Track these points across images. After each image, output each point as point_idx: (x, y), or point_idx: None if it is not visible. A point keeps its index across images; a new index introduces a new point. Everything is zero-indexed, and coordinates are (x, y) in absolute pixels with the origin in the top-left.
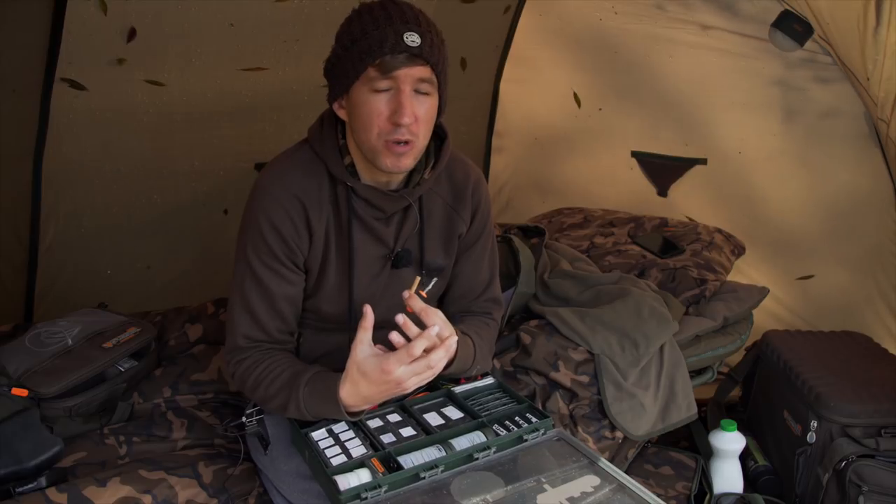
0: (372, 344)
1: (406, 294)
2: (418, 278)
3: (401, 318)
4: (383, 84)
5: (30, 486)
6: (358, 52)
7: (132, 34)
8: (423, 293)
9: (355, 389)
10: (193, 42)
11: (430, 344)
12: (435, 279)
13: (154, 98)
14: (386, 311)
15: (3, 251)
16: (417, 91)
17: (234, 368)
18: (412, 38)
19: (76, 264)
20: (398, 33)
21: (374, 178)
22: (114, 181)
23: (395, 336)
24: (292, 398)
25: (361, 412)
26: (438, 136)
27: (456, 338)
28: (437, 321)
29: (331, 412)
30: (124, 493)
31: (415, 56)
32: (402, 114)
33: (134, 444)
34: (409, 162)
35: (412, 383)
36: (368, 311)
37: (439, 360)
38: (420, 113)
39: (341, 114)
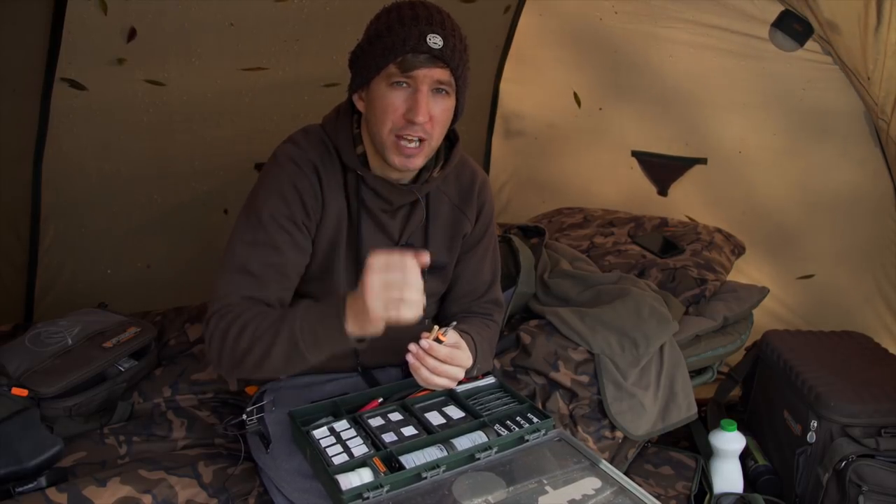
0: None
1: (426, 344)
2: (436, 327)
3: (414, 348)
4: (402, 81)
5: (30, 485)
6: (381, 48)
7: (132, 34)
8: (443, 337)
9: (355, 299)
10: (193, 42)
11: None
12: (454, 323)
13: (154, 98)
14: None
15: (3, 251)
16: (436, 91)
17: (216, 322)
18: (435, 41)
19: (76, 264)
20: (422, 34)
21: (384, 171)
22: (114, 181)
23: (413, 346)
24: (286, 324)
25: (363, 339)
26: (449, 139)
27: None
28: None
29: (331, 328)
30: (124, 492)
31: (435, 58)
32: (416, 112)
33: (134, 444)
34: (418, 162)
35: (380, 298)
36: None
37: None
38: (435, 112)
39: (360, 105)
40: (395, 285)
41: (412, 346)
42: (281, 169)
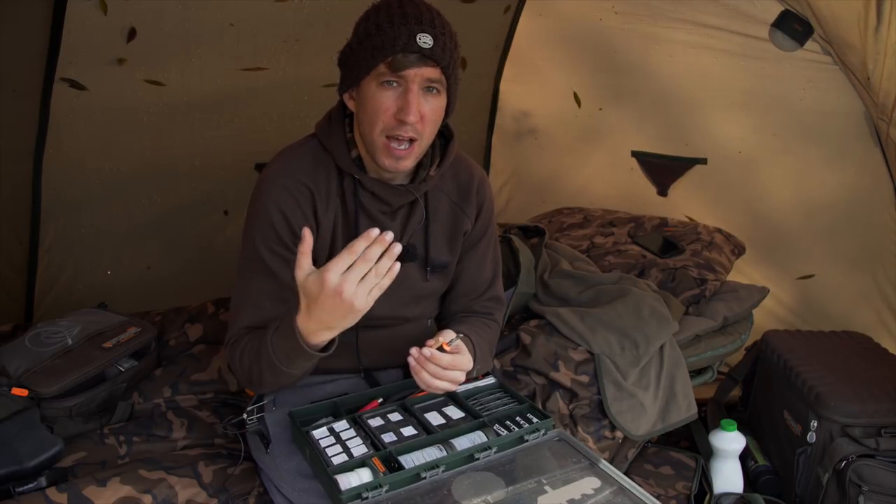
0: (312, 266)
1: (428, 352)
2: (440, 338)
3: (415, 352)
4: (393, 81)
5: (30, 485)
6: (371, 48)
7: (132, 34)
8: (448, 347)
9: (308, 315)
10: (193, 42)
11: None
12: (461, 335)
13: (154, 98)
14: (391, 305)
15: (3, 251)
16: (426, 89)
17: (229, 353)
18: (424, 40)
19: (76, 264)
20: (412, 33)
21: (380, 173)
22: (114, 181)
23: (415, 351)
24: (264, 352)
25: (330, 344)
26: (444, 135)
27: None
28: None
29: (296, 351)
30: (124, 493)
31: (426, 57)
32: (408, 111)
33: (134, 444)
34: (409, 163)
35: (361, 293)
36: (307, 233)
37: (387, 265)
38: (426, 111)
39: (350, 104)
40: (368, 279)
41: (413, 350)
42: (267, 194)
